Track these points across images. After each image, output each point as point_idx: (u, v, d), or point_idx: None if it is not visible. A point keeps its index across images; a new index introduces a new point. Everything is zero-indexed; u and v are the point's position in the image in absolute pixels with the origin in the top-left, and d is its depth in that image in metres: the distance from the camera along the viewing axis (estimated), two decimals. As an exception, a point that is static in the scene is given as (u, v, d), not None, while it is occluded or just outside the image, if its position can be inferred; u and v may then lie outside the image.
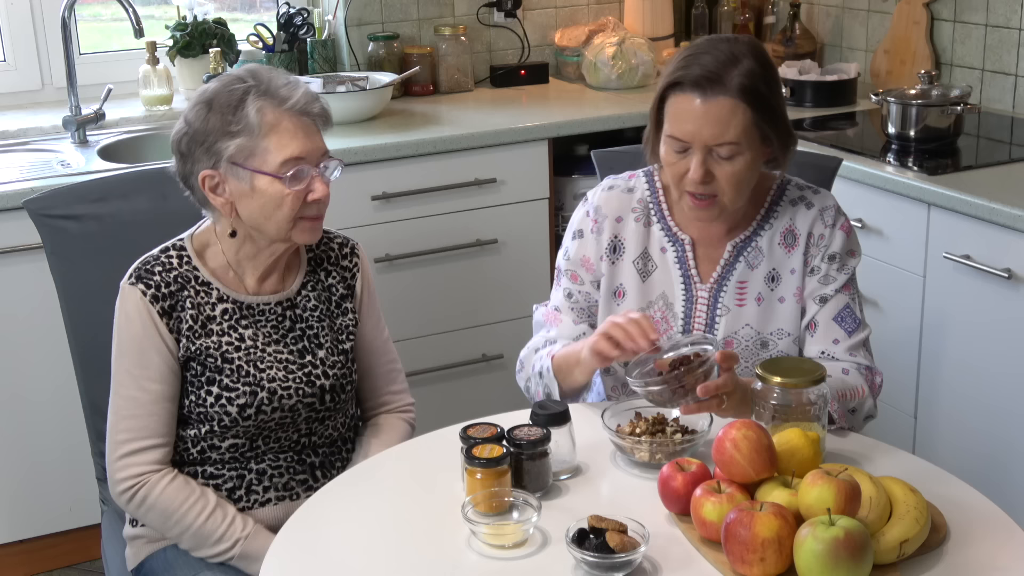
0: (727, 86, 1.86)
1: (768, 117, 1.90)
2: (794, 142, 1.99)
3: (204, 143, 1.88)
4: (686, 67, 1.89)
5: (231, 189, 1.90)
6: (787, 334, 2.02)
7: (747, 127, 1.88)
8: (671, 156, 1.93)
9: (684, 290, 2.03)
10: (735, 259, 2.02)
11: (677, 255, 2.04)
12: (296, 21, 3.54)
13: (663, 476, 1.65)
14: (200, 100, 1.90)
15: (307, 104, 1.90)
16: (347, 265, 2.08)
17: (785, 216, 2.02)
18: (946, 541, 1.59)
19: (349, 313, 2.06)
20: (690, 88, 1.88)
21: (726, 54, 1.89)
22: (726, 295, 2.02)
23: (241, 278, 1.98)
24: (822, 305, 2.00)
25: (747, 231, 2.02)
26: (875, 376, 1.99)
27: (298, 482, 2.00)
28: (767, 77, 1.91)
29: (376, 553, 1.63)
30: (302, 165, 1.88)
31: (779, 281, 2.02)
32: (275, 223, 1.90)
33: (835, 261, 2.01)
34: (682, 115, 1.90)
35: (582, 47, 3.78)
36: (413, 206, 3.16)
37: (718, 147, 1.88)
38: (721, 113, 1.87)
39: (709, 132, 1.87)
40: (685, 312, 2.03)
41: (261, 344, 1.96)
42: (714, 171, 1.90)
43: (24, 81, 3.48)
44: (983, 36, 3.32)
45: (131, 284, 1.92)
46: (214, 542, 1.91)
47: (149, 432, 1.92)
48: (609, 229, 2.06)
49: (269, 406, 1.94)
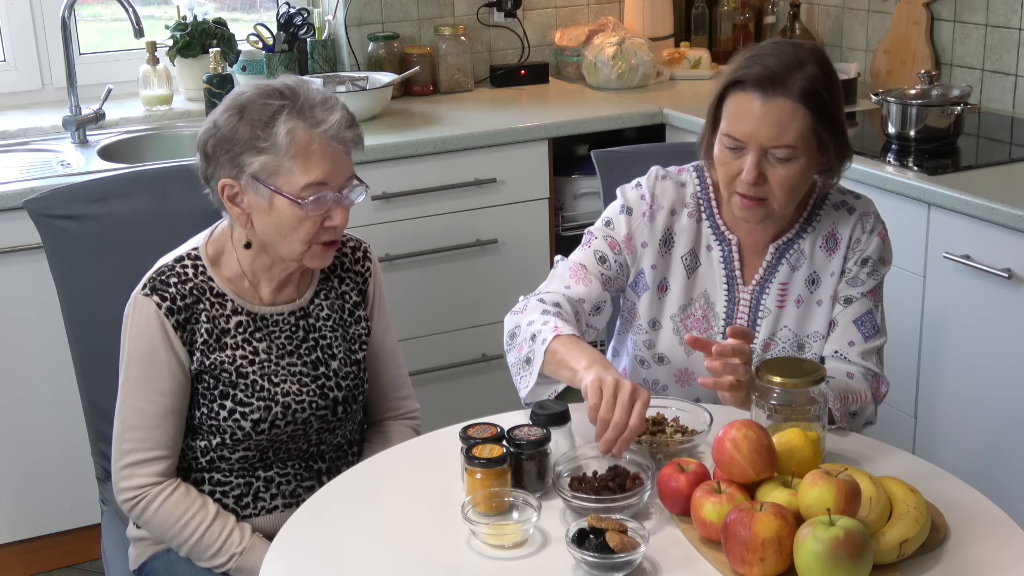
0: (789, 88, 1.84)
1: (827, 124, 1.88)
2: (850, 153, 1.96)
3: (230, 151, 1.85)
4: (749, 66, 1.87)
5: (249, 202, 1.87)
6: (822, 337, 2.01)
7: (805, 132, 1.85)
8: (725, 155, 1.90)
9: (727, 291, 2.02)
10: (778, 261, 2.01)
11: (723, 255, 2.02)
12: (296, 21, 3.54)
13: (663, 476, 1.65)
14: (233, 105, 1.86)
15: (340, 130, 1.85)
16: (360, 270, 2.06)
17: (828, 220, 2.01)
18: (946, 541, 1.59)
19: (362, 322, 2.04)
20: (751, 88, 1.86)
21: (791, 57, 1.86)
22: (768, 297, 2.01)
23: (256, 288, 1.96)
24: (846, 306, 1.99)
25: (790, 234, 2.01)
26: (881, 385, 1.99)
27: (305, 488, 1.99)
28: (830, 84, 1.88)
29: (376, 553, 1.63)
30: (324, 191, 1.84)
31: (819, 284, 2.01)
32: (289, 244, 1.88)
33: (867, 265, 2.00)
34: (741, 114, 1.87)
35: (582, 47, 3.78)
36: (413, 206, 3.16)
37: (774, 149, 1.85)
38: (781, 115, 1.84)
39: (766, 133, 1.85)
40: (727, 313, 2.02)
41: (275, 357, 1.95)
42: (767, 174, 1.87)
43: (24, 81, 3.48)
44: (983, 36, 3.32)
45: (145, 295, 1.89)
46: (210, 556, 1.91)
47: (154, 444, 1.91)
48: (663, 220, 2.03)
49: (283, 420, 1.93)
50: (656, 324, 2.05)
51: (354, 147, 1.89)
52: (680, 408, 1.87)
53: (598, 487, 1.65)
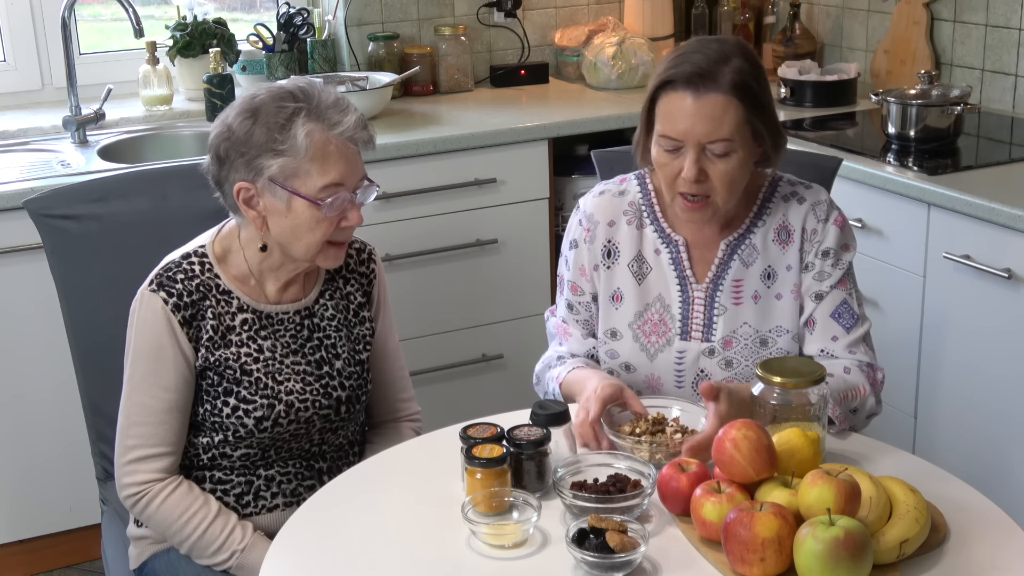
0: (719, 82, 1.86)
1: (759, 114, 1.90)
2: (784, 141, 1.98)
3: (245, 155, 1.85)
4: (677, 66, 1.89)
5: (266, 204, 1.88)
6: (786, 331, 2.01)
7: (739, 123, 1.88)
8: (663, 157, 1.93)
9: (680, 291, 2.03)
10: (729, 258, 2.02)
11: (672, 256, 2.03)
12: (296, 21, 3.54)
13: (663, 476, 1.65)
14: (246, 108, 1.86)
15: (355, 131, 1.87)
16: (365, 272, 2.07)
17: (778, 212, 2.02)
18: (946, 541, 1.59)
19: (366, 322, 2.05)
20: (682, 86, 1.88)
21: (716, 52, 1.89)
22: (722, 294, 2.02)
23: (262, 287, 1.97)
24: (819, 302, 2.00)
25: (740, 229, 2.02)
26: (876, 372, 1.99)
27: (306, 488, 1.99)
28: (757, 75, 1.91)
29: (376, 553, 1.63)
30: (341, 191, 1.86)
31: (775, 278, 2.02)
32: (304, 245, 1.89)
33: (829, 257, 2.00)
34: (675, 113, 1.89)
35: (582, 47, 3.78)
36: (413, 206, 3.16)
37: (711, 144, 1.88)
38: (714, 110, 1.86)
39: (702, 129, 1.87)
40: (683, 313, 2.03)
41: (279, 355, 1.95)
42: (707, 170, 1.89)
43: (24, 81, 3.48)
44: (983, 36, 3.32)
45: (152, 291, 1.90)
46: (211, 553, 1.91)
47: (158, 440, 1.91)
48: (602, 235, 2.06)
49: (286, 419, 1.94)
50: (616, 334, 2.06)
51: (365, 147, 1.91)
52: (681, 408, 1.87)
53: (599, 490, 1.65)
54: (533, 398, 1.96)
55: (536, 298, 3.35)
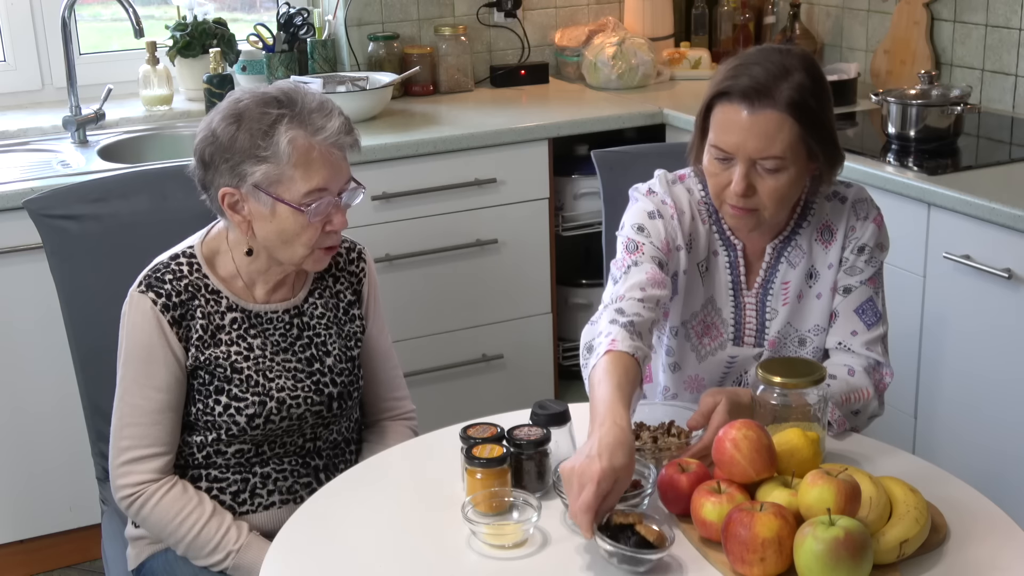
0: (776, 99, 1.80)
1: (816, 133, 1.84)
2: (841, 159, 1.92)
3: (229, 160, 1.85)
4: (735, 76, 1.83)
5: (251, 209, 1.88)
6: (823, 330, 1.99)
7: (793, 142, 1.82)
8: (714, 166, 1.88)
9: (732, 297, 2.00)
10: (776, 261, 1.99)
11: (729, 260, 2.00)
12: (296, 21, 3.54)
13: (664, 477, 1.65)
14: (230, 112, 1.86)
15: (339, 136, 1.86)
16: (354, 270, 2.07)
17: (822, 212, 1.98)
18: (946, 541, 1.59)
19: (357, 320, 2.05)
20: (738, 99, 1.82)
21: (777, 66, 1.83)
22: (772, 298, 1.99)
23: (251, 288, 1.97)
24: (845, 295, 1.98)
25: (786, 232, 1.99)
26: (884, 375, 1.98)
27: (302, 485, 2.00)
28: (817, 91, 1.85)
29: (376, 553, 1.63)
30: (325, 196, 1.86)
31: (817, 278, 1.99)
32: (290, 249, 1.89)
33: (864, 253, 1.98)
34: (728, 126, 1.84)
35: (582, 47, 3.78)
36: (413, 206, 3.16)
37: (762, 160, 1.83)
38: (768, 127, 1.81)
39: (754, 145, 1.82)
40: (735, 319, 2.01)
41: (270, 353, 1.96)
42: (756, 185, 1.85)
43: (24, 81, 3.48)
44: (983, 36, 3.32)
45: (141, 292, 1.90)
46: (207, 553, 1.92)
47: (151, 441, 1.92)
48: (687, 225, 1.98)
49: (278, 415, 1.94)
50: (676, 331, 2.03)
51: (350, 151, 1.90)
52: (680, 412, 1.86)
53: None
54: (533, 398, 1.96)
55: (536, 298, 3.35)
